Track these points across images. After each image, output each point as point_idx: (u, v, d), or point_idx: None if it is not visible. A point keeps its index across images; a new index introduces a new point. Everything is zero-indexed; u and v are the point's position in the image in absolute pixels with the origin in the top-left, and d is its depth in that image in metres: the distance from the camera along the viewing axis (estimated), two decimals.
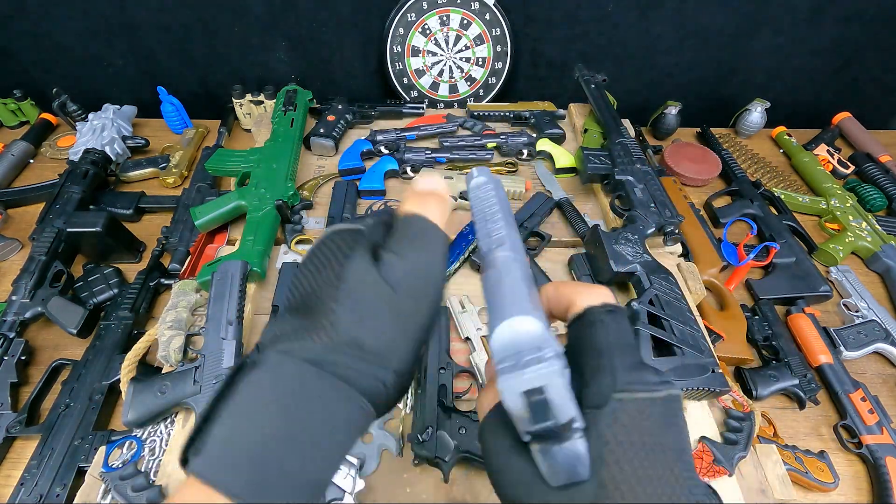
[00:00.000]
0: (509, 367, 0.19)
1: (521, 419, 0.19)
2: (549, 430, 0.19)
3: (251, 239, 0.74)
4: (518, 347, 0.19)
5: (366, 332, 0.22)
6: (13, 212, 0.96)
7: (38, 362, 0.73)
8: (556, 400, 0.18)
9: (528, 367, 0.18)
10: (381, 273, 0.23)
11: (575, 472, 0.19)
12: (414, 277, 0.23)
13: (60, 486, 0.59)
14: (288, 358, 0.22)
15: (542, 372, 0.18)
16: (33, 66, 1.17)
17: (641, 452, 0.19)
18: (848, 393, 0.73)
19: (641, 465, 0.19)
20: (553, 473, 0.20)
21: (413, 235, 0.25)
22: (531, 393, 0.18)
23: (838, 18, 1.12)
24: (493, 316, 0.20)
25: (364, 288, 0.23)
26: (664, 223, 0.77)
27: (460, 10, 1.08)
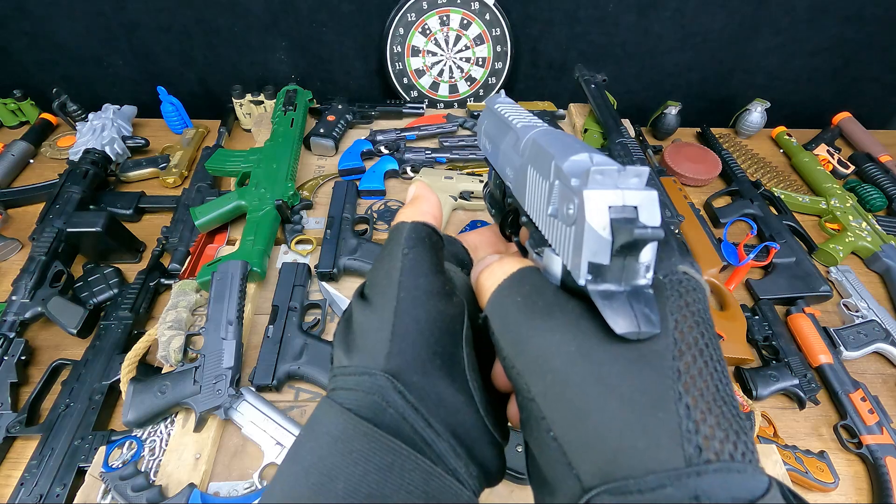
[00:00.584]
0: (601, 176, 0.16)
1: (598, 241, 0.16)
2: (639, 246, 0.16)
3: (251, 239, 0.74)
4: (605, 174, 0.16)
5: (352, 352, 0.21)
6: (13, 212, 0.95)
7: (38, 362, 0.73)
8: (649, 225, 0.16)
9: (623, 183, 0.16)
10: (364, 292, 0.23)
11: (648, 319, 0.16)
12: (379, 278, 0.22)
13: (60, 486, 0.59)
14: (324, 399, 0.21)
15: (642, 192, 0.16)
16: (33, 66, 1.17)
17: (702, 327, 0.17)
18: (848, 393, 0.72)
19: (709, 343, 0.17)
20: (620, 318, 0.16)
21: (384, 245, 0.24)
22: (621, 210, 0.16)
23: (838, 18, 1.12)
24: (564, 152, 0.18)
25: (352, 311, 0.23)
26: (664, 223, 0.77)
27: (460, 10, 1.08)
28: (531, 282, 0.20)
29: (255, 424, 0.59)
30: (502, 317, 0.20)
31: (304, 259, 0.79)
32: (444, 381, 0.21)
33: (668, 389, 0.15)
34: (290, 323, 0.68)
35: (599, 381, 0.15)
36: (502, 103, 0.27)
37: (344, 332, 0.23)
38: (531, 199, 0.21)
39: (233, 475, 0.57)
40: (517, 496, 0.56)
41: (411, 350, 0.20)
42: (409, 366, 0.20)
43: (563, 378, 0.16)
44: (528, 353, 0.18)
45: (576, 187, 0.16)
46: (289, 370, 0.64)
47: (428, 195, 0.25)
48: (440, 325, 0.21)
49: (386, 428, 0.19)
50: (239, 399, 0.60)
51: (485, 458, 0.21)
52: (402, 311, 0.21)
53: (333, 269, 0.75)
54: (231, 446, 0.59)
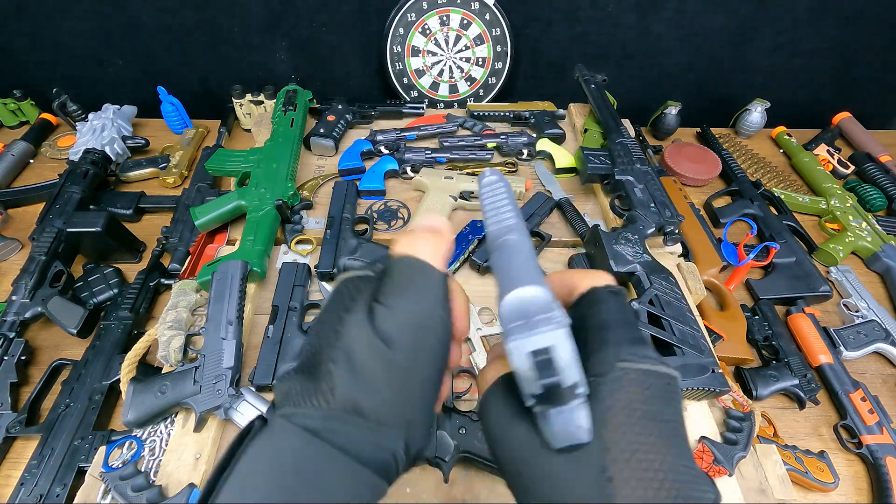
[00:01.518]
0: (518, 327, 0.19)
1: (527, 379, 0.20)
2: (555, 387, 0.19)
3: (251, 239, 0.74)
4: (527, 313, 0.20)
5: (363, 396, 0.21)
6: (13, 212, 0.96)
7: (38, 362, 0.73)
8: (562, 361, 0.19)
9: (536, 328, 0.19)
10: (375, 327, 0.21)
11: (576, 434, 0.20)
12: (408, 329, 0.22)
13: (60, 486, 0.59)
14: (289, 425, 0.20)
15: (550, 333, 0.19)
16: (33, 66, 1.17)
17: (643, 420, 0.19)
18: (848, 393, 0.73)
19: (644, 432, 0.19)
20: (555, 436, 0.20)
21: (403, 280, 0.22)
22: (539, 353, 0.19)
23: (838, 19, 1.12)
24: (503, 287, 0.21)
25: (360, 346, 0.21)
26: (664, 223, 0.77)
27: (460, 10, 1.08)
28: (508, 390, 0.23)
29: None
30: (487, 419, 0.24)
31: (304, 259, 0.79)
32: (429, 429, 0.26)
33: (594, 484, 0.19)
34: (290, 323, 0.68)
35: (548, 480, 0.20)
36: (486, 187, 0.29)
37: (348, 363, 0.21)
38: None
39: None
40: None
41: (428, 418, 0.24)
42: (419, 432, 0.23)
43: (525, 478, 0.21)
44: (502, 453, 0.23)
45: (504, 334, 0.20)
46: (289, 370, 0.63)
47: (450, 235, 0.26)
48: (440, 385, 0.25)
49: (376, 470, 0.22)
50: (239, 399, 0.60)
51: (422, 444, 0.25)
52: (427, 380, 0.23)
53: (333, 269, 0.75)
54: None
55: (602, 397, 0.20)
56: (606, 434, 0.19)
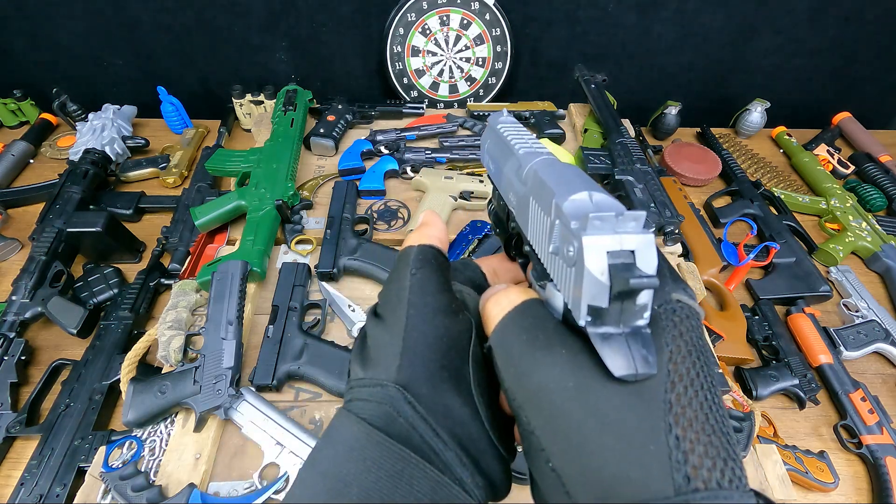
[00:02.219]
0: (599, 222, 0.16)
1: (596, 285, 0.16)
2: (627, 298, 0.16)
3: (251, 239, 0.74)
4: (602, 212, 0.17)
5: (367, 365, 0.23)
6: (13, 212, 0.95)
7: (38, 362, 0.73)
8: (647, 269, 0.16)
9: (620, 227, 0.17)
10: (376, 311, 0.24)
11: (641, 364, 0.16)
12: (390, 296, 0.24)
13: (60, 486, 0.59)
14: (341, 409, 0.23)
15: (638, 235, 0.16)
16: (33, 66, 1.17)
17: (694, 354, 0.17)
18: (848, 393, 0.73)
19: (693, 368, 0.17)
20: (618, 361, 0.17)
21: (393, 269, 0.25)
22: (619, 255, 0.16)
23: (838, 18, 1.12)
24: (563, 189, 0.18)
25: (367, 329, 0.25)
26: (664, 223, 0.77)
27: (460, 10, 1.08)
28: (534, 314, 0.20)
29: (255, 424, 0.59)
30: (505, 349, 0.20)
31: (304, 259, 0.79)
32: (451, 393, 0.22)
33: (659, 421, 0.16)
34: (290, 323, 0.68)
35: (596, 417, 0.16)
36: (504, 123, 0.27)
37: (360, 348, 0.24)
38: (534, 232, 0.22)
39: (233, 475, 0.57)
40: (517, 496, 0.56)
41: (420, 363, 0.22)
42: (418, 378, 0.21)
43: (561, 413, 0.17)
44: (528, 386, 0.19)
45: (575, 230, 0.17)
46: (289, 370, 0.64)
47: (435, 221, 0.26)
48: (447, 340, 0.23)
49: (397, 437, 0.20)
50: (239, 399, 0.60)
51: (490, 470, 0.22)
52: (411, 326, 0.22)
53: (333, 269, 0.75)
54: (231, 446, 0.59)
55: (663, 326, 0.18)
56: (671, 367, 0.17)
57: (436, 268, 0.24)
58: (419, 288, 0.23)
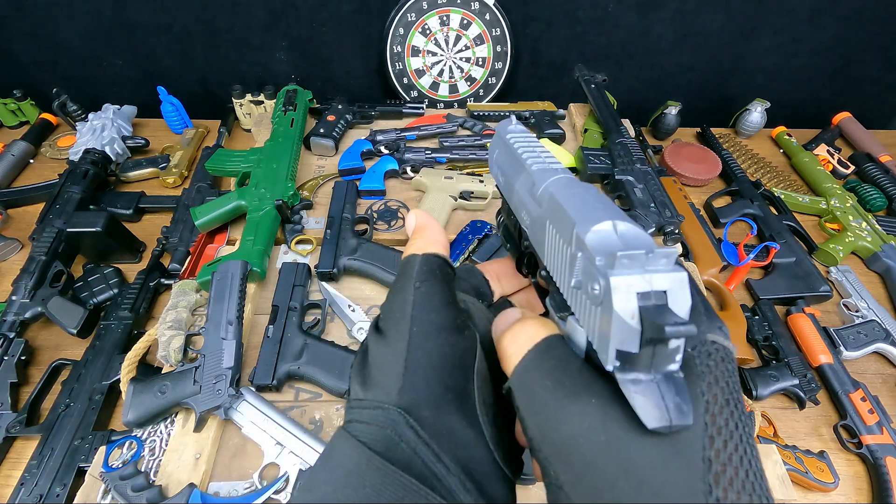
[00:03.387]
0: (628, 260, 0.15)
1: (625, 329, 0.15)
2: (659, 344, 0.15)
3: (251, 239, 0.74)
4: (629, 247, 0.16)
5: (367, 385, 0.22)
6: (13, 212, 0.95)
7: (38, 362, 0.73)
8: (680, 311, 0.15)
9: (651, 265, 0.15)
10: (378, 325, 0.23)
11: (679, 410, 0.15)
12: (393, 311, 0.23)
13: (60, 486, 0.59)
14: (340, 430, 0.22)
15: (673, 275, 0.15)
16: (33, 66, 1.17)
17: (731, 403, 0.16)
18: (848, 393, 0.73)
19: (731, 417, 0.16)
20: (651, 411, 0.15)
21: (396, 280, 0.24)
22: (649, 297, 0.15)
23: (838, 18, 1.12)
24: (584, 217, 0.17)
25: (368, 344, 0.23)
26: (664, 223, 0.77)
27: (460, 10, 1.08)
28: (557, 355, 0.19)
29: (255, 424, 0.59)
30: (528, 395, 0.19)
31: (304, 259, 0.79)
32: (456, 415, 0.21)
33: (698, 482, 0.15)
34: (290, 323, 0.68)
35: (630, 475, 0.15)
36: (514, 133, 0.26)
37: (360, 364, 0.23)
38: (551, 258, 0.20)
39: (233, 475, 0.57)
40: (518, 496, 0.56)
41: (423, 385, 0.21)
42: (420, 401, 0.20)
43: (592, 469, 0.16)
44: (555, 439, 0.17)
45: (601, 268, 0.16)
46: (289, 370, 0.64)
47: (431, 223, 0.25)
48: (452, 359, 0.21)
49: (398, 462, 0.19)
50: (239, 399, 0.60)
51: (495, 494, 0.21)
52: (414, 345, 0.21)
53: (333, 269, 0.75)
54: (231, 446, 0.59)
55: (699, 372, 0.16)
56: (708, 419, 0.15)
57: (441, 280, 0.23)
58: (423, 303, 0.22)
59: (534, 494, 0.56)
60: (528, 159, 0.23)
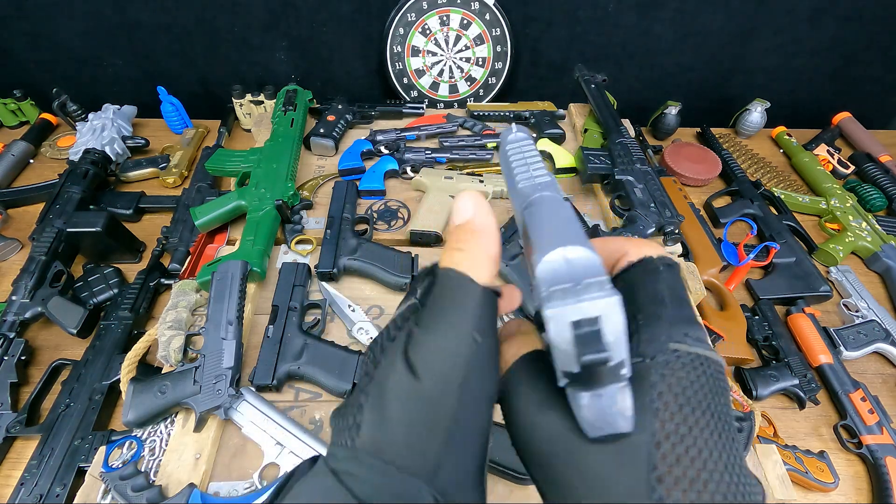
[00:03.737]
0: (560, 292, 0.16)
1: (565, 354, 0.17)
2: (598, 365, 0.16)
3: (251, 239, 0.74)
4: (571, 276, 0.17)
5: (385, 434, 0.18)
6: (13, 212, 0.96)
7: (38, 362, 0.73)
8: (611, 335, 0.16)
9: (583, 294, 0.16)
10: (409, 356, 0.18)
11: (616, 423, 0.17)
12: (437, 358, 0.18)
13: (60, 486, 0.59)
14: (323, 465, 0.19)
15: (601, 301, 0.16)
16: (33, 66, 1.17)
17: (696, 412, 0.17)
18: (848, 393, 0.73)
19: (696, 426, 0.16)
20: (591, 423, 0.17)
21: (438, 301, 0.19)
22: (583, 324, 0.16)
23: (838, 18, 1.12)
24: (539, 246, 0.18)
25: (390, 377, 0.19)
26: (664, 223, 0.77)
27: (460, 10, 1.08)
28: (535, 368, 0.20)
29: (255, 424, 0.59)
30: (510, 404, 0.20)
31: (304, 259, 0.79)
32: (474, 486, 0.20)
33: (642, 482, 0.16)
34: (290, 323, 0.68)
35: (583, 478, 0.17)
36: (511, 144, 0.26)
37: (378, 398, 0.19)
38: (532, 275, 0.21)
39: (233, 475, 0.57)
40: (517, 496, 0.56)
41: (462, 467, 0.19)
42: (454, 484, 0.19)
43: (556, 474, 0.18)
44: (528, 447, 0.19)
45: (542, 299, 0.17)
46: (289, 370, 0.64)
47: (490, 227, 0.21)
48: (485, 432, 0.20)
49: None
50: (239, 399, 0.60)
51: None
52: (460, 419, 0.18)
53: (333, 269, 0.75)
54: (231, 446, 0.59)
55: (652, 382, 0.17)
56: (657, 425, 0.16)
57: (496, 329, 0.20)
58: (480, 366, 0.19)
59: (533, 494, 0.56)
60: (517, 176, 0.24)
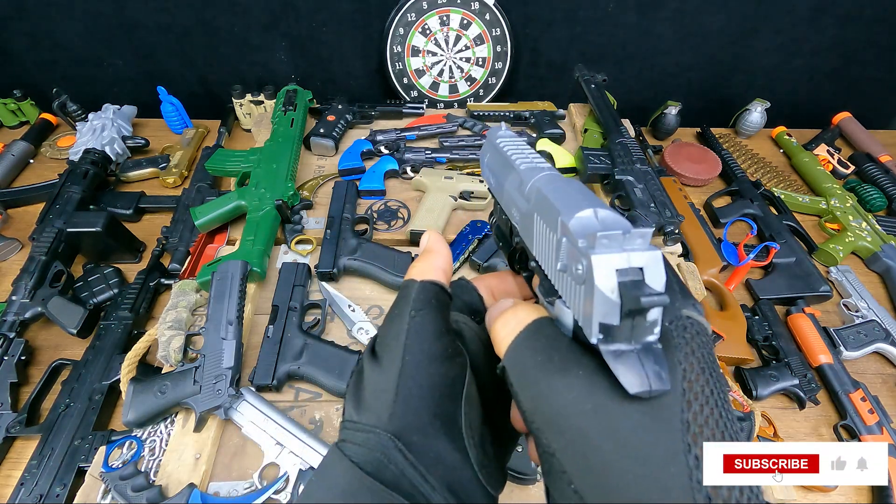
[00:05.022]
0: (606, 240, 0.17)
1: (606, 304, 0.17)
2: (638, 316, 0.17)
3: (251, 239, 0.74)
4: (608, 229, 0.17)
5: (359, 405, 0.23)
6: (13, 212, 0.95)
7: (38, 362, 0.73)
8: (656, 285, 0.17)
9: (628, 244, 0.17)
10: (374, 345, 0.24)
11: (654, 380, 0.16)
12: (388, 341, 0.24)
13: (60, 486, 0.59)
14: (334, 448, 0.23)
15: (646, 253, 0.17)
16: (33, 66, 1.17)
17: (707, 371, 0.17)
18: (848, 393, 0.72)
19: (708, 384, 0.17)
20: (632, 378, 0.17)
21: (394, 303, 0.25)
22: (628, 272, 0.16)
23: (838, 18, 1.12)
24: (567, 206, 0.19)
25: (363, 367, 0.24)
26: (664, 223, 0.77)
27: (460, 10, 1.08)
28: (546, 334, 0.20)
29: (255, 424, 0.59)
30: (520, 372, 0.20)
31: (304, 259, 0.79)
32: (443, 439, 0.22)
33: (678, 442, 0.16)
34: (290, 323, 0.68)
35: (615, 439, 0.16)
36: (503, 137, 0.27)
37: (355, 386, 0.24)
38: (539, 248, 0.22)
39: (233, 475, 0.57)
40: (517, 496, 0.56)
41: (413, 412, 0.22)
42: (409, 427, 0.22)
43: (581, 436, 0.17)
44: (546, 410, 0.19)
45: (583, 249, 0.17)
46: (289, 370, 0.64)
47: (440, 248, 0.26)
48: (441, 387, 0.23)
49: (387, 482, 0.21)
50: (239, 399, 0.60)
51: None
52: (406, 374, 0.22)
53: (333, 269, 0.75)
54: (231, 446, 0.59)
55: (676, 344, 0.18)
56: (685, 385, 0.17)
57: (436, 308, 0.24)
58: (417, 333, 0.23)
59: (534, 494, 0.56)
60: (517, 160, 0.25)
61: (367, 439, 0.22)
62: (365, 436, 0.22)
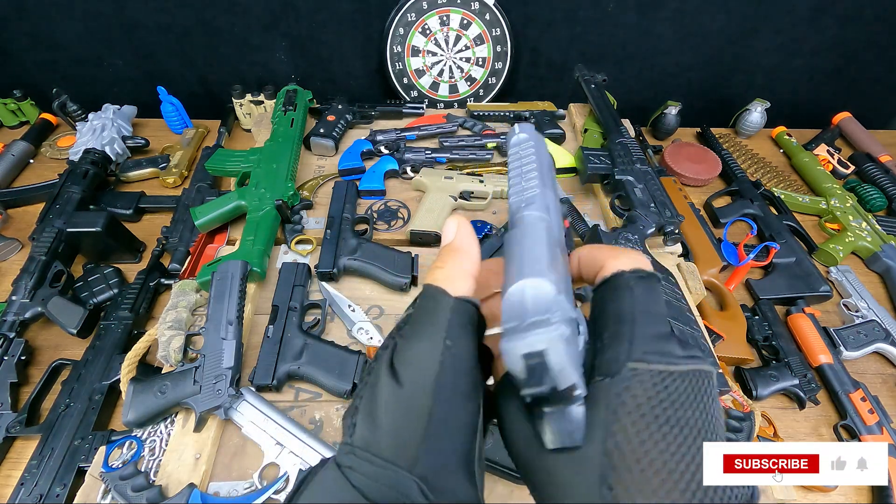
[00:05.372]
0: (512, 329, 0.19)
1: (519, 382, 0.19)
2: (545, 394, 0.19)
3: (251, 239, 0.74)
4: (526, 310, 0.19)
5: (375, 432, 0.21)
6: (13, 212, 0.95)
7: (38, 362, 0.73)
8: (556, 366, 0.18)
9: (530, 330, 0.18)
10: (394, 363, 0.22)
11: (570, 437, 0.19)
12: (413, 362, 0.21)
13: (60, 486, 0.59)
14: (332, 460, 0.22)
15: (543, 336, 0.18)
16: (33, 66, 1.17)
17: (654, 426, 0.18)
18: (848, 393, 0.73)
19: (652, 439, 0.18)
20: (550, 436, 0.20)
21: (417, 312, 0.23)
22: (532, 356, 0.18)
23: (838, 18, 1.12)
24: (507, 278, 0.20)
25: (378, 382, 0.22)
26: (664, 223, 0.77)
27: (460, 10, 1.08)
28: None
29: (255, 424, 0.59)
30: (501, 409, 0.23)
31: (304, 259, 0.79)
32: (461, 476, 0.22)
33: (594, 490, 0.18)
34: (290, 323, 0.68)
35: (551, 483, 0.20)
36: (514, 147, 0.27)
37: (370, 401, 0.22)
38: None
39: (233, 475, 0.57)
40: (517, 496, 0.56)
41: (440, 455, 0.21)
42: (437, 472, 0.21)
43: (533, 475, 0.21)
44: (513, 448, 0.22)
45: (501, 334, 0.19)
46: (289, 370, 0.64)
47: (469, 247, 0.24)
48: (466, 426, 0.22)
49: None
50: (239, 399, 0.60)
51: None
52: (437, 413, 0.21)
53: (333, 269, 0.75)
54: (231, 446, 0.59)
55: (608, 401, 0.19)
56: (608, 439, 0.18)
57: (472, 336, 0.22)
58: (452, 368, 0.21)
59: None
60: (511, 188, 0.25)
61: (384, 476, 0.20)
62: (380, 471, 0.20)
